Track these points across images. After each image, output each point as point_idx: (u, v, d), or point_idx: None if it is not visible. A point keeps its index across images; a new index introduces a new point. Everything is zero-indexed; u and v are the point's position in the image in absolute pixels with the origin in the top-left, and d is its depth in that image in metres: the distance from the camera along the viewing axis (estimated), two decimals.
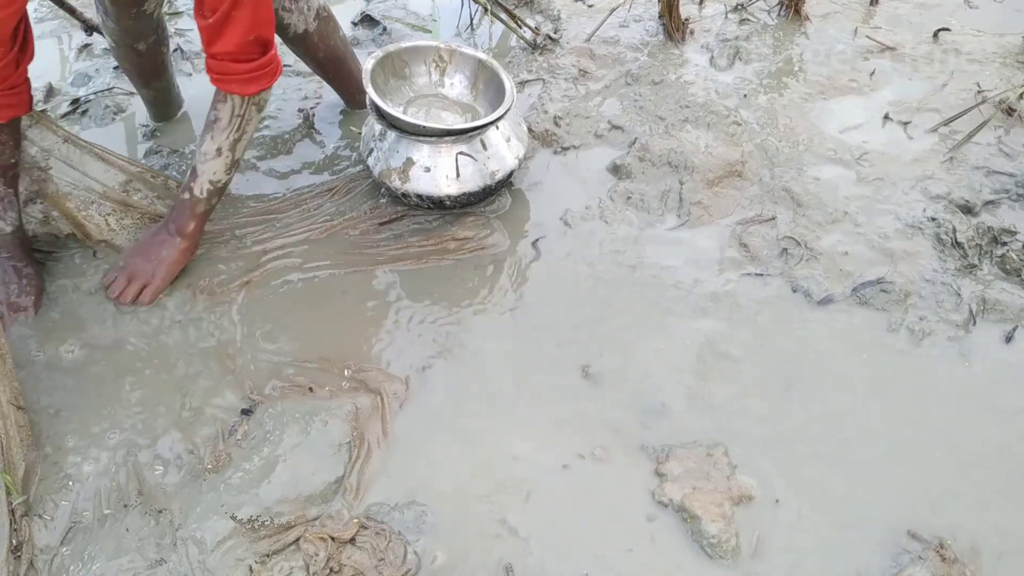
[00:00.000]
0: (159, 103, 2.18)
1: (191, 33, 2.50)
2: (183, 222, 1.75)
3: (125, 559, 1.36)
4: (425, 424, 1.55)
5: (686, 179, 1.97)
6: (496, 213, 1.93)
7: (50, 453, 1.51)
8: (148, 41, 1.97)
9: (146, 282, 1.74)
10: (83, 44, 2.49)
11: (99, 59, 2.44)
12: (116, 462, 1.49)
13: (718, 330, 1.69)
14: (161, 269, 1.75)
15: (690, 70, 2.28)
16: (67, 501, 1.44)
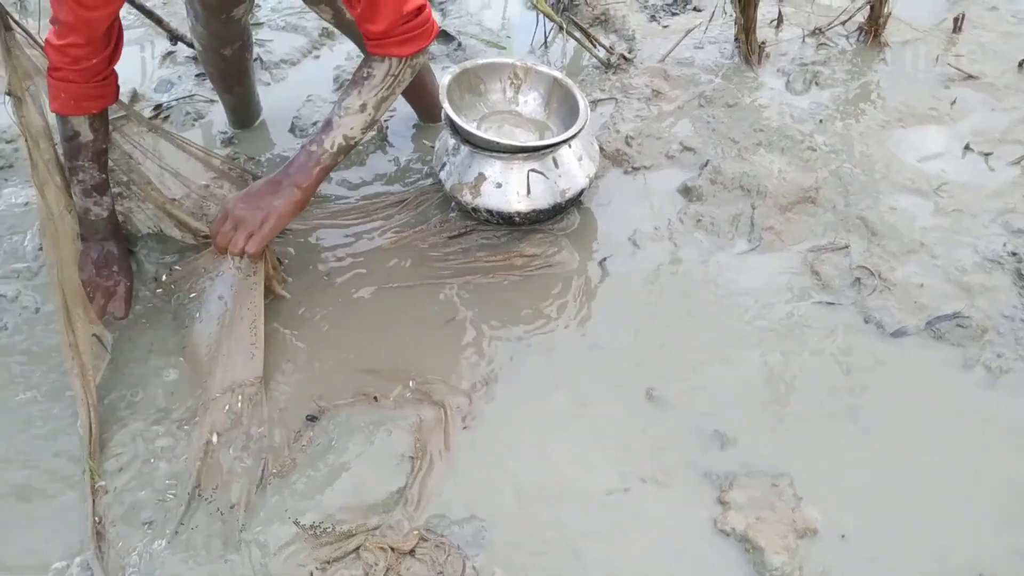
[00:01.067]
0: (239, 109, 2.23)
1: (271, 44, 2.55)
2: (303, 173, 1.64)
3: (190, 552, 1.39)
4: (487, 439, 1.55)
5: (758, 203, 1.94)
6: (564, 231, 1.93)
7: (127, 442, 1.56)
8: (234, 47, 2.02)
9: (252, 231, 1.62)
10: (167, 52, 2.56)
11: (181, 67, 2.51)
12: (189, 457, 1.52)
13: (786, 358, 1.66)
14: (271, 218, 1.62)
15: (765, 94, 2.26)
16: (143, 491, 1.48)
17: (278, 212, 1.63)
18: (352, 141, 1.66)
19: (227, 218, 1.63)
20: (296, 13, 2.68)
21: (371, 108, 1.65)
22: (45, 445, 1.57)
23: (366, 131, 1.68)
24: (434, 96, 2.18)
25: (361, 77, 1.65)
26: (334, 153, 1.65)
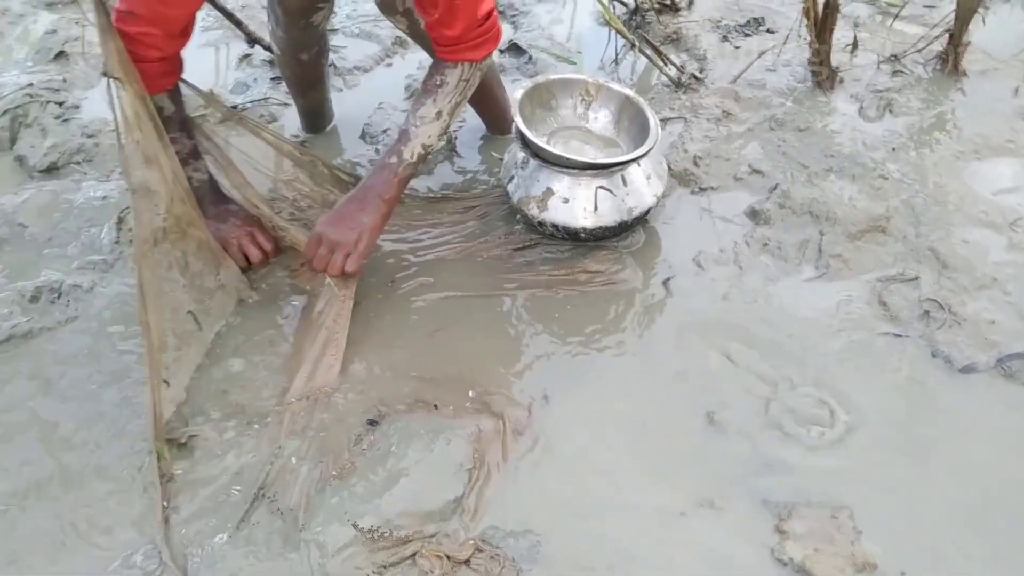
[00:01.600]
0: (312, 114, 2.27)
1: (345, 50, 2.60)
2: (386, 186, 1.72)
3: (251, 548, 1.41)
4: (545, 453, 1.55)
5: (827, 230, 1.92)
6: (629, 248, 1.93)
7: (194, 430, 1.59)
8: (311, 52, 2.06)
9: (349, 251, 1.70)
10: (244, 54, 2.61)
11: (257, 69, 2.56)
12: (259, 457, 1.55)
13: (851, 388, 1.64)
14: (365, 236, 1.70)
15: (837, 119, 2.24)
16: (209, 483, 1.51)
17: (369, 228, 1.71)
18: (429, 149, 1.73)
19: (321, 242, 1.71)
20: (371, 21, 2.72)
21: (446, 115, 1.72)
22: (113, 431, 1.61)
23: (442, 137, 1.76)
24: (503, 108, 2.21)
25: (434, 85, 1.70)
26: (413, 163, 1.72)
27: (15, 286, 1.88)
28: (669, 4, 2.62)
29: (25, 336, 1.79)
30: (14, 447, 1.60)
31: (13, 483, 1.54)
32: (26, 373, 1.72)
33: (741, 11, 2.61)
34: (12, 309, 1.83)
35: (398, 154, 1.71)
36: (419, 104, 1.71)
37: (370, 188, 1.73)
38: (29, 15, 2.87)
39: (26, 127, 2.34)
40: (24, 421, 1.64)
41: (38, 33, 2.76)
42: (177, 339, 1.68)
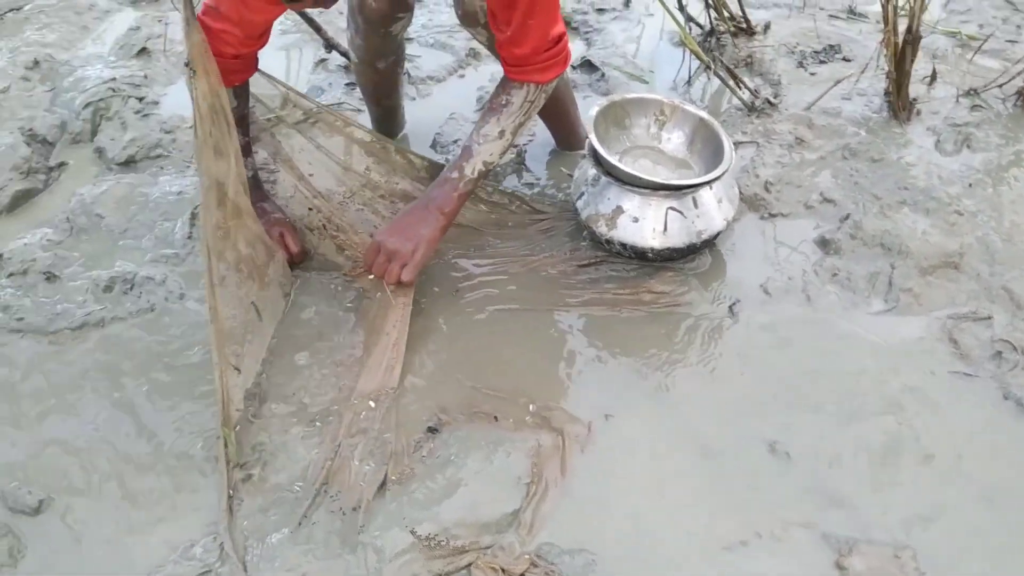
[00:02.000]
0: (385, 121, 2.30)
1: (419, 59, 2.62)
2: (446, 201, 1.75)
3: (310, 546, 1.43)
4: (603, 472, 1.55)
5: (898, 264, 1.89)
6: (695, 271, 1.92)
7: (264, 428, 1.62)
8: (388, 61, 2.09)
9: (406, 261, 1.74)
10: (320, 59, 2.66)
11: (333, 74, 2.60)
12: (320, 454, 1.57)
13: (918, 426, 1.61)
14: (422, 247, 1.74)
15: (913, 151, 2.20)
16: (272, 477, 1.54)
17: (427, 240, 1.74)
18: (491, 166, 1.77)
19: (380, 250, 1.75)
20: (445, 32, 2.75)
21: (509, 134, 1.74)
22: (179, 421, 1.64)
23: (504, 155, 1.78)
24: (574, 125, 2.21)
25: (500, 104, 1.72)
26: (474, 179, 1.76)
27: (90, 275, 1.93)
28: (745, 27, 2.60)
29: (97, 324, 1.83)
30: (80, 433, 1.64)
31: (76, 468, 1.58)
32: (96, 360, 1.76)
33: (818, 38, 2.59)
34: (86, 297, 1.88)
35: (460, 170, 1.74)
36: (484, 122, 1.73)
37: (431, 201, 1.76)
38: (115, 11, 2.95)
39: (107, 120, 2.40)
40: (91, 407, 1.68)
41: (122, 29, 2.84)
42: (243, 329, 1.71)
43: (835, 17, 2.74)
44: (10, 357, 1.77)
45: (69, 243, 2.03)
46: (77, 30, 2.83)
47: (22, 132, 2.30)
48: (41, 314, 1.84)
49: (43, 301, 1.87)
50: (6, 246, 2.00)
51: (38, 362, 1.76)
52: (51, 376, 1.73)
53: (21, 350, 1.78)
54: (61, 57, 2.67)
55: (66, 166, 2.30)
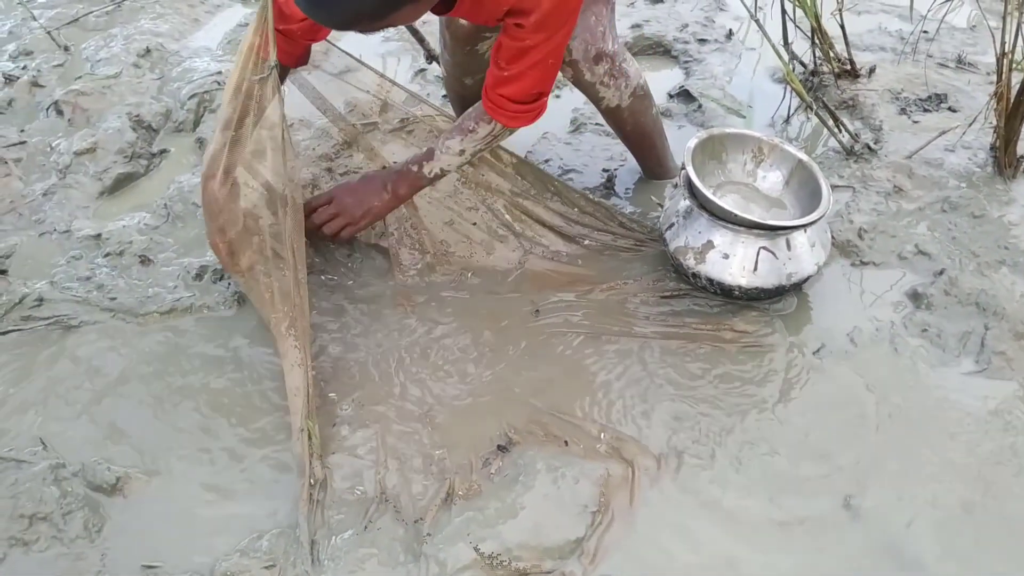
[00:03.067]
0: None
1: None
2: (401, 185, 1.86)
3: (373, 551, 1.45)
4: (671, 509, 1.53)
5: (992, 325, 1.83)
6: (780, 312, 1.89)
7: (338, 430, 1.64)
8: (475, 77, 2.10)
9: (350, 221, 1.86)
10: (419, 69, 2.69)
11: (430, 84, 2.63)
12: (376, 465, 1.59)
13: (999, 491, 1.56)
14: (368, 216, 1.87)
15: (1016, 210, 2.13)
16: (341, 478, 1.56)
17: (375, 212, 1.88)
18: (446, 173, 1.87)
19: (331, 201, 1.87)
20: None
21: (468, 155, 1.83)
22: (259, 413, 1.68)
23: (461, 168, 1.90)
24: (662, 157, 2.20)
25: (467, 128, 1.80)
26: (431, 179, 1.86)
27: (182, 262, 1.98)
28: (849, 69, 2.56)
29: (186, 310, 1.88)
30: (160, 414, 1.68)
31: (155, 449, 1.62)
32: (181, 344, 1.81)
33: (924, 85, 2.53)
34: (177, 283, 1.93)
35: (420, 166, 1.84)
36: (450, 136, 1.82)
37: (388, 179, 1.87)
38: (225, 6, 3.04)
39: (210, 112, 2.47)
40: (173, 391, 1.72)
41: (231, 24, 2.92)
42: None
43: (943, 65, 2.67)
44: (100, 335, 1.83)
45: (165, 229, 2.09)
46: (189, 22, 2.92)
47: (129, 117, 2.38)
48: (133, 295, 1.90)
49: (136, 283, 1.93)
50: (105, 227, 2.07)
51: (126, 342, 1.81)
52: (137, 357, 1.78)
53: (111, 329, 1.84)
54: (171, 47, 2.75)
55: (167, 153, 2.37)
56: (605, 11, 1.90)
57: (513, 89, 1.69)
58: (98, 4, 2.96)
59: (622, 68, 1.98)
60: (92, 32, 2.84)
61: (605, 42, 1.91)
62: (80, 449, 1.61)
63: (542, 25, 1.57)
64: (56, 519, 1.48)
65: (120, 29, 2.82)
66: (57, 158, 2.27)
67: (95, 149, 2.28)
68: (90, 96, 2.46)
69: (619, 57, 1.97)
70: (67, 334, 1.83)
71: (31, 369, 1.76)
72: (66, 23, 2.86)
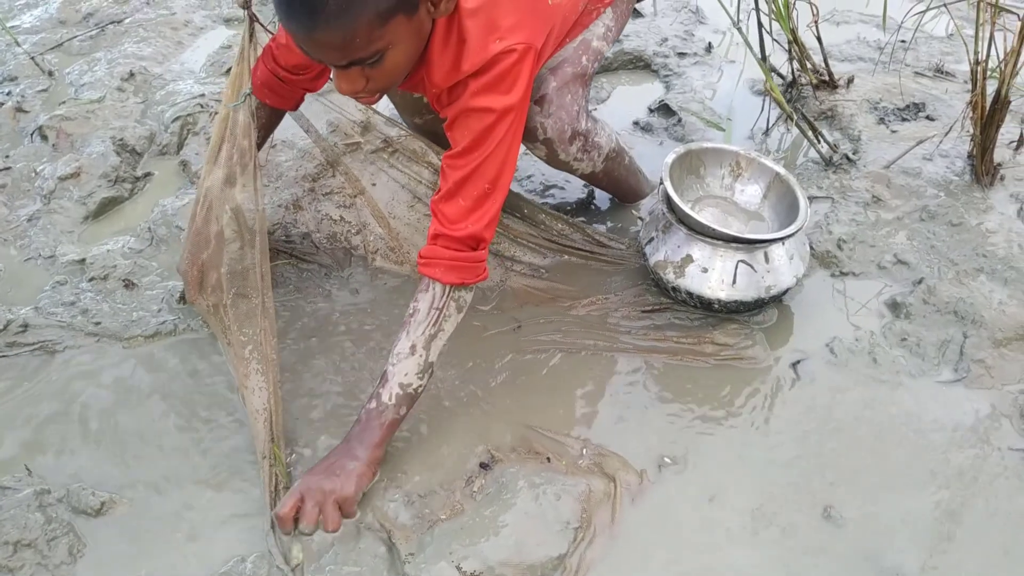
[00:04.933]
0: None
1: None
2: (369, 432, 1.56)
3: (356, 569, 1.45)
4: (654, 524, 1.54)
5: (971, 333, 1.85)
6: (761, 325, 1.90)
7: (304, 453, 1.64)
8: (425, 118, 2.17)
9: (338, 497, 1.51)
10: None
11: None
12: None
13: (979, 502, 1.57)
14: (350, 480, 1.52)
15: (994, 218, 2.15)
16: None
17: (357, 473, 1.54)
18: (411, 389, 1.58)
19: (304, 498, 1.51)
20: None
21: (421, 349, 1.56)
22: (243, 436, 1.68)
23: (423, 376, 1.58)
24: (636, 189, 2.19)
25: (408, 315, 1.59)
26: (395, 406, 1.57)
27: (166, 285, 1.99)
28: (827, 80, 2.58)
29: (170, 333, 1.89)
30: (145, 438, 1.69)
31: (141, 473, 1.63)
32: (166, 368, 1.82)
33: (902, 95, 2.55)
34: (161, 306, 1.94)
35: (377, 399, 1.57)
36: (396, 339, 1.59)
37: (353, 437, 1.58)
38: (208, 28, 3.06)
39: (193, 134, 2.48)
40: (158, 414, 1.73)
41: (214, 46, 2.93)
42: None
43: (921, 75, 2.70)
44: (85, 360, 1.83)
45: (149, 252, 2.10)
46: (172, 45, 2.94)
47: (113, 141, 2.39)
48: (117, 320, 1.91)
49: (120, 307, 1.94)
50: (90, 251, 2.08)
51: (111, 366, 1.82)
52: (122, 381, 1.79)
53: (96, 354, 1.85)
54: (155, 71, 2.77)
55: (151, 177, 2.38)
56: (582, 91, 1.84)
57: (458, 211, 1.54)
58: (82, 29, 2.98)
59: (595, 142, 1.90)
60: (76, 57, 2.85)
61: (579, 121, 1.83)
62: (65, 474, 1.62)
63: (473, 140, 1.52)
64: (41, 545, 1.49)
65: (104, 53, 2.83)
66: (41, 183, 2.28)
67: (79, 174, 2.29)
68: (74, 121, 2.47)
69: (592, 132, 1.89)
70: (52, 359, 1.84)
71: (16, 395, 1.77)
72: (50, 48, 2.88)
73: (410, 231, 2.07)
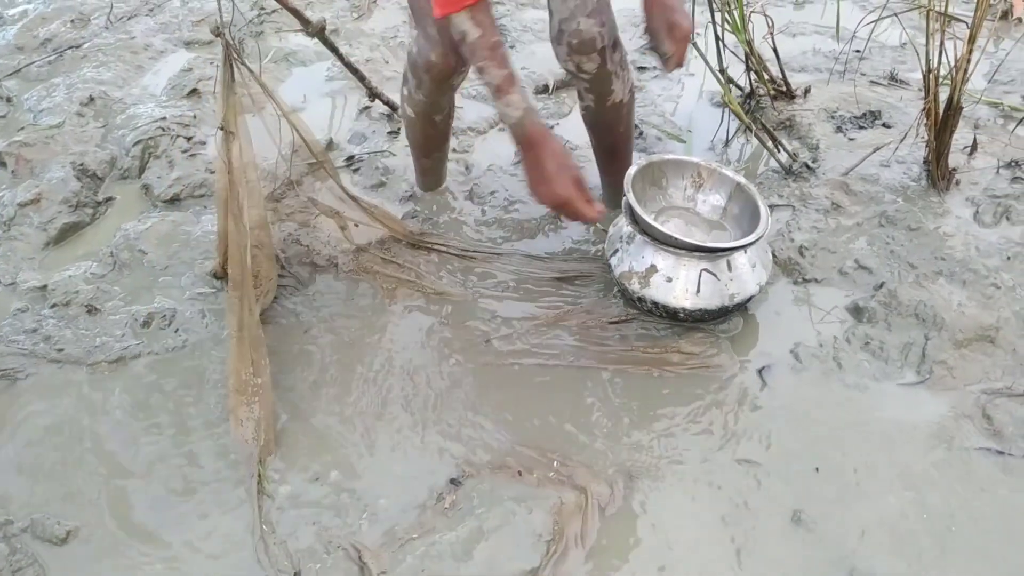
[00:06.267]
0: (431, 173, 2.33)
1: (461, 111, 2.65)
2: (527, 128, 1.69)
3: None
4: (625, 534, 1.54)
5: (932, 335, 1.88)
6: (727, 333, 1.92)
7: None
8: (443, 114, 2.12)
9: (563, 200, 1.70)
10: (364, 107, 2.71)
11: (376, 122, 2.65)
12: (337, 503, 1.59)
13: (946, 502, 1.59)
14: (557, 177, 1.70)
15: (950, 221, 2.19)
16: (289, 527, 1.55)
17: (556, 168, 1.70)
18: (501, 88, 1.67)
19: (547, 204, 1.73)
20: None
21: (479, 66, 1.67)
22: (210, 459, 1.67)
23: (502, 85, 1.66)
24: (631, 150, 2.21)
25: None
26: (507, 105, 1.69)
27: (130, 309, 1.98)
28: (785, 91, 2.62)
29: (134, 358, 1.87)
30: (111, 465, 1.67)
31: (105, 500, 1.61)
32: (130, 393, 1.80)
33: (858, 103, 2.59)
34: (125, 331, 1.92)
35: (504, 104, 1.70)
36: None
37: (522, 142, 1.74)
38: (169, 51, 3.04)
39: (155, 158, 2.47)
40: (124, 440, 1.71)
41: (175, 69, 2.92)
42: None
43: (876, 83, 2.75)
44: (48, 387, 1.81)
45: (111, 277, 2.08)
46: (132, 69, 2.92)
47: (73, 167, 2.37)
48: (80, 346, 1.89)
49: (83, 333, 1.92)
50: (51, 277, 2.06)
51: (74, 393, 1.80)
52: (85, 408, 1.77)
53: (59, 381, 1.82)
54: (115, 95, 2.75)
55: (113, 201, 2.36)
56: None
57: None
58: (40, 54, 2.96)
59: (627, 59, 1.97)
60: (34, 83, 2.83)
61: (616, 31, 1.89)
62: (29, 504, 1.60)
63: None
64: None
65: (63, 79, 2.81)
66: (1, 210, 2.26)
67: (39, 200, 2.27)
68: (33, 147, 2.45)
69: (623, 47, 1.95)
70: (14, 387, 1.82)
71: None
72: (7, 74, 2.86)
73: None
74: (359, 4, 3.30)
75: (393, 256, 2.10)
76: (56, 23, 3.13)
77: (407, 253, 2.11)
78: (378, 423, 1.73)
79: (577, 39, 1.82)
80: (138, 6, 3.28)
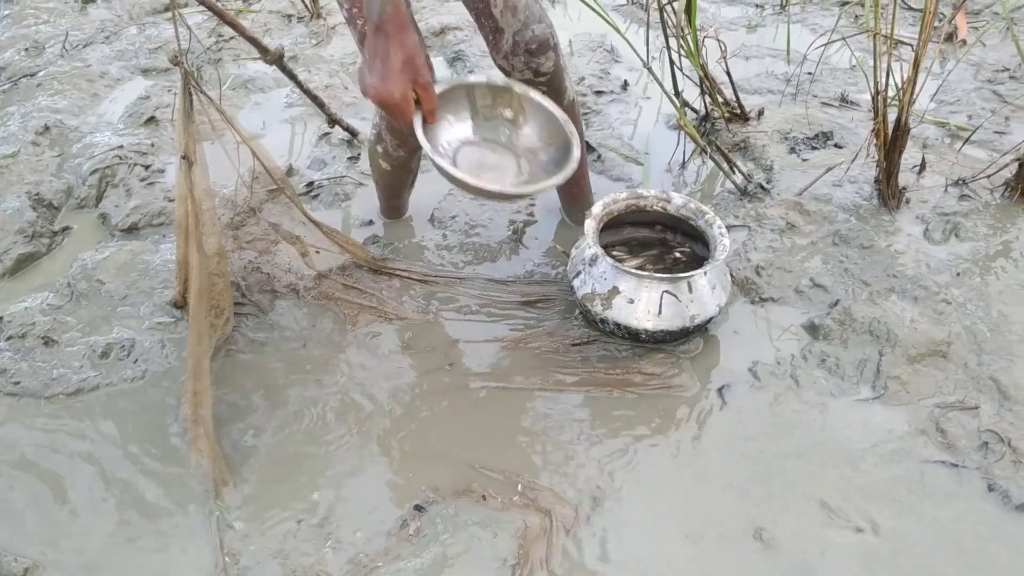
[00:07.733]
0: (398, 207, 2.35)
1: None
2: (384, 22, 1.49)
3: None
4: (589, 556, 1.55)
5: (886, 351, 1.92)
6: (687, 354, 1.94)
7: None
8: (417, 156, 2.15)
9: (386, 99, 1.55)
10: (323, 133, 2.72)
11: (336, 148, 2.66)
12: (301, 532, 1.57)
13: (902, 517, 1.62)
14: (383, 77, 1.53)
15: (901, 239, 2.24)
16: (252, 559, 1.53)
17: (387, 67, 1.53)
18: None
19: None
20: None
21: None
22: (170, 492, 1.65)
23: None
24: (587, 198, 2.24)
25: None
26: None
27: (87, 340, 1.96)
28: (739, 113, 2.67)
29: (92, 389, 1.85)
30: (70, 499, 1.64)
31: (65, 535, 1.58)
32: (89, 425, 1.78)
33: (810, 125, 2.65)
34: (83, 363, 1.90)
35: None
36: None
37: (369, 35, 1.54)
38: (126, 79, 3.03)
39: (112, 187, 2.45)
40: (82, 473, 1.69)
41: (132, 97, 2.91)
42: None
43: (828, 104, 2.81)
44: (4, 421, 1.78)
45: (69, 308, 2.06)
46: (88, 97, 2.90)
47: (29, 196, 2.35)
48: (37, 378, 1.86)
49: (40, 365, 1.89)
50: (6, 309, 2.03)
51: (31, 427, 1.77)
52: (43, 442, 1.75)
53: (16, 414, 1.80)
54: (71, 123, 2.73)
55: (70, 231, 2.34)
56: None
57: None
58: None
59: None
60: None
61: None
62: None
63: None
64: None
65: (17, 107, 2.79)
66: None
67: None
68: None
69: None
70: None
71: None
72: None
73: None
74: (317, 31, 3.31)
75: (355, 282, 2.10)
76: (10, 51, 3.11)
77: (369, 279, 2.11)
78: (341, 450, 1.73)
79: (536, 43, 1.87)
80: (93, 34, 3.27)
